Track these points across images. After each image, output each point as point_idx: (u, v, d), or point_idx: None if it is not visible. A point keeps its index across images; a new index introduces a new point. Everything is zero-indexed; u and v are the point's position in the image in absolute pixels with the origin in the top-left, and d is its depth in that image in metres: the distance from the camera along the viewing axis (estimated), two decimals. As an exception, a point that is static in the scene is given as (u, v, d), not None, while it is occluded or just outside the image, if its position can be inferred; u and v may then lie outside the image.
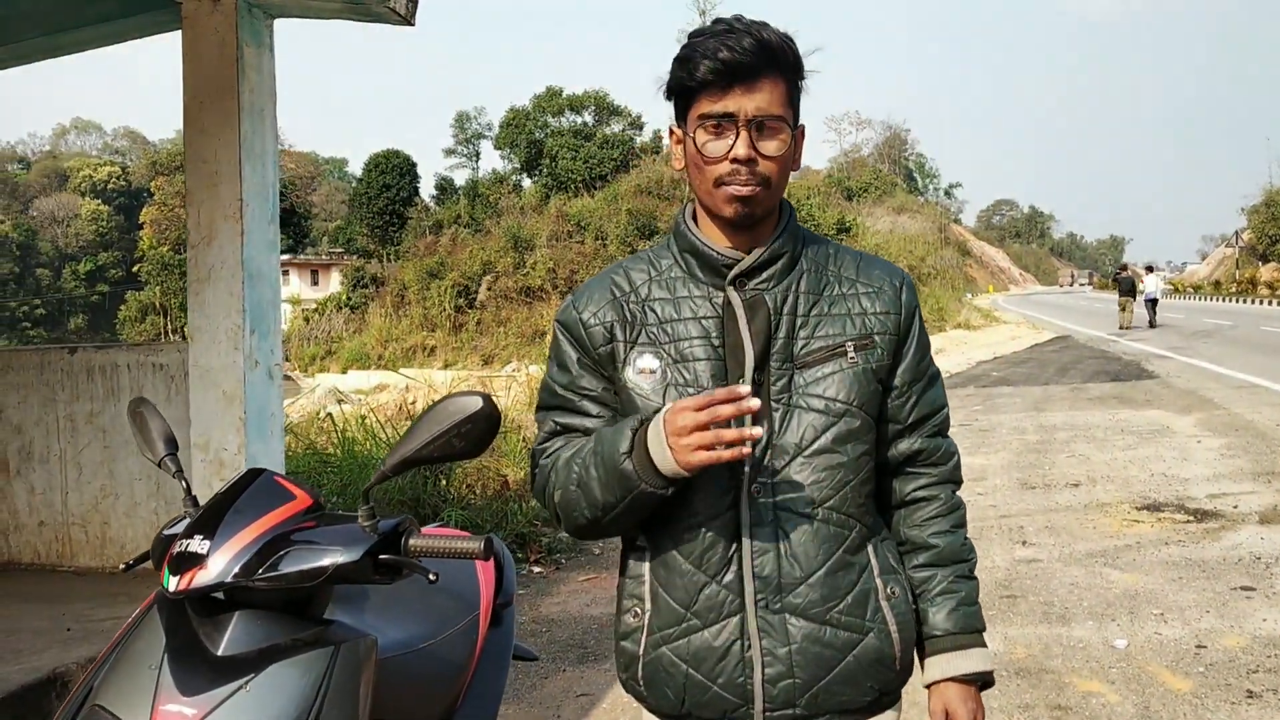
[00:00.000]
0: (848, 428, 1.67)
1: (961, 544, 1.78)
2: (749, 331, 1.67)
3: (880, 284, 1.74)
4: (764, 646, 1.64)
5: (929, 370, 1.79)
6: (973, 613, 1.75)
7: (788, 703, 1.64)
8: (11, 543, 5.75)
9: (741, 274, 1.69)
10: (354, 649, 1.85)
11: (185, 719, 1.65)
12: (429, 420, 1.79)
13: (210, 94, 4.87)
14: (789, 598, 1.64)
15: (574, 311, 1.77)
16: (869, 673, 1.67)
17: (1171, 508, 7.72)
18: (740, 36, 1.60)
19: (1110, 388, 16.17)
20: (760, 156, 1.62)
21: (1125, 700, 4.30)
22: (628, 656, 1.76)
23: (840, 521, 1.67)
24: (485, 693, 2.62)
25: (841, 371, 1.68)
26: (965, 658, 1.72)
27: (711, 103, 1.62)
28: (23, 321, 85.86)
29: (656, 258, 1.79)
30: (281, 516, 1.84)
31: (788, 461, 1.65)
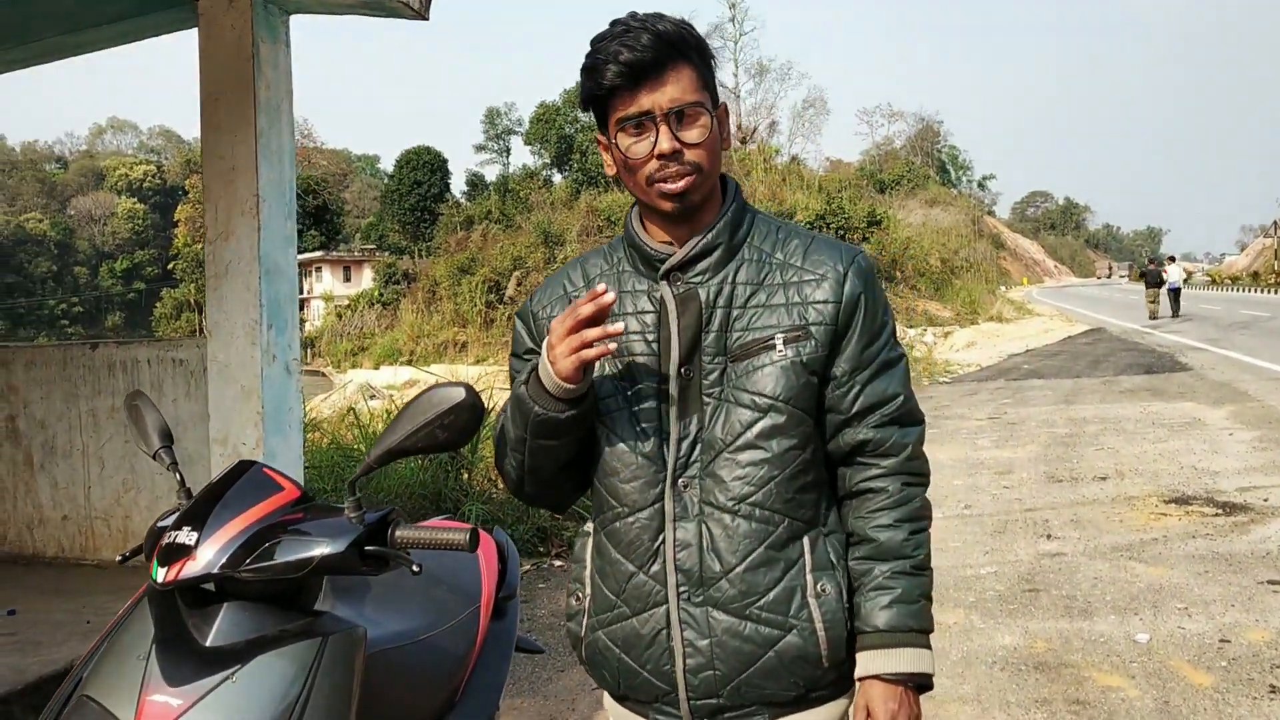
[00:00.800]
0: (773, 423, 1.65)
1: (904, 539, 1.68)
2: (677, 326, 1.68)
3: (823, 270, 1.69)
4: (685, 638, 1.67)
5: (878, 358, 1.71)
6: (910, 610, 1.66)
7: (710, 693, 1.67)
8: (35, 536, 5.82)
9: (675, 268, 1.70)
10: (343, 640, 1.85)
11: (171, 709, 1.65)
12: (412, 412, 1.78)
13: (226, 90, 4.90)
14: (710, 591, 1.65)
15: (529, 304, 1.85)
16: (791, 669, 1.65)
17: (1200, 501, 7.61)
18: (637, 34, 1.60)
19: (1143, 380, 15.98)
20: (685, 146, 1.63)
21: (1145, 695, 4.24)
22: (573, 637, 1.83)
23: (764, 518, 1.65)
24: (486, 684, 2.62)
25: (771, 365, 1.65)
26: (889, 657, 1.64)
27: (625, 106, 1.63)
28: (61, 319, 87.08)
29: (613, 251, 1.82)
30: (269, 508, 1.84)
31: (714, 456, 1.66)
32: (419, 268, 50.32)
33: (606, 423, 1.71)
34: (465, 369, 28.78)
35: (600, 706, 4.36)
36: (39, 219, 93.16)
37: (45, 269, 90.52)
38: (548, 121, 54.45)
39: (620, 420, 1.70)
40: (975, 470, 9.40)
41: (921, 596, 1.67)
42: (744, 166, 45.77)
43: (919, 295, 39.43)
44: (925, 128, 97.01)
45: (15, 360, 5.89)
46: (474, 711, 2.55)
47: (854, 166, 71.83)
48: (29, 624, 4.51)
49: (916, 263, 41.08)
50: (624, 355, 1.71)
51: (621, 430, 1.70)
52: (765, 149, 51.59)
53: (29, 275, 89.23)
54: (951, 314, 37.58)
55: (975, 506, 7.94)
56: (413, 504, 6.93)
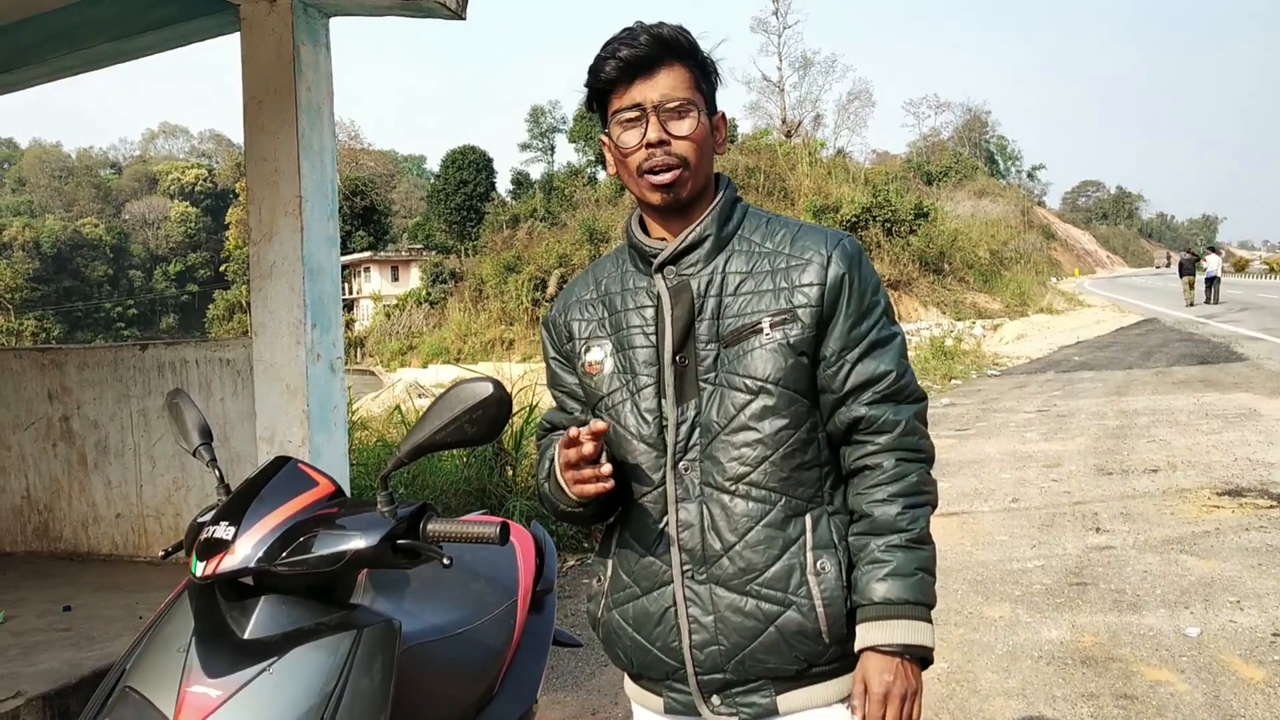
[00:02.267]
0: (764, 404, 1.71)
1: (899, 513, 1.70)
2: (670, 316, 1.76)
3: (809, 255, 1.75)
4: (690, 614, 1.74)
5: (867, 336, 1.74)
6: (906, 584, 1.68)
7: (715, 667, 1.73)
8: (90, 534, 5.94)
9: (667, 261, 1.79)
10: (378, 632, 1.87)
11: (211, 700, 1.68)
12: (440, 407, 1.80)
13: (268, 93, 4.96)
14: (713, 569, 1.72)
15: (550, 312, 1.97)
16: (792, 644, 1.70)
17: (1254, 493, 7.48)
18: (636, 35, 1.73)
19: (1197, 371, 15.72)
20: (672, 137, 1.73)
21: (1194, 690, 4.18)
22: (591, 618, 1.92)
23: (761, 497, 1.71)
24: (523, 677, 2.64)
25: (761, 348, 1.72)
26: (884, 628, 1.67)
27: (620, 98, 1.75)
28: (117, 322, 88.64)
29: (619, 255, 1.92)
30: (304, 503, 1.87)
31: (711, 439, 1.73)
32: (465, 267, 50.66)
33: (613, 413, 1.81)
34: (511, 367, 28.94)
35: (643, 701, 4.39)
36: (95, 224, 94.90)
37: (101, 273, 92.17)
38: (591, 119, 54.50)
39: (624, 410, 1.80)
40: (1023, 463, 9.30)
41: (919, 569, 1.69)
42: (789, 160, 45.49)
43: (967, 287, 39.08)
44: (973, 118, 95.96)
45: (68, 362, 6.01)
46: (512, 703, 2.58)
47: (901, 159, 71.16)
48: (84, 619, 4.61)
49: (965, 254, 40.72)
50: (626, 348, 1.81)
51: (625, 419, 1.80)
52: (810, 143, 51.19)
53: (86, 279, 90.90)
54: (1001, 306, 37.22)
55: (1023, 500, 7.86)
56: (457, 500, 6.99)
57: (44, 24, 5.69)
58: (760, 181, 43.46)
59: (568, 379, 1.94)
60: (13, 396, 6.13)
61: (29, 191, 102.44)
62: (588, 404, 1.90)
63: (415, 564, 1.90)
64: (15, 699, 3.63)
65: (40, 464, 6.07)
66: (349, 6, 5.10)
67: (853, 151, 59.53)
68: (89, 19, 5.50)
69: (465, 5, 5.01)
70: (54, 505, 6.03)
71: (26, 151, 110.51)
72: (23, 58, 5.89)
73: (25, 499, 6.12)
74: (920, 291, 36.84)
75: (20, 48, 5.85)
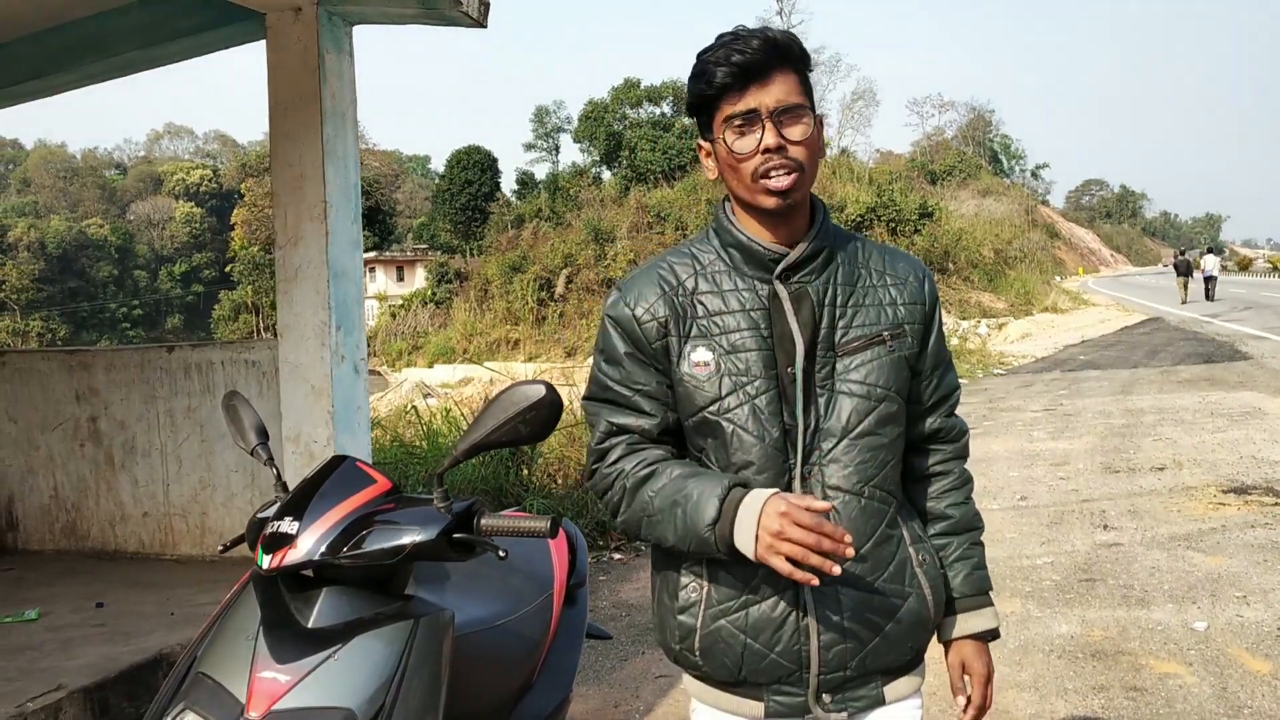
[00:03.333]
0: (887, 411, 1.79)
1: (975, 514, 1.94)
2: (797, 322, 1.76)
3: (906, 276, 1.87)
4: (819, 616, 1.75)
5: (946, 355, 1.94)
6: (983, 576, 1.92)
7: (840, 665, 1.77)
8: (118, 532, 6.05)
9: (787, 268, 1.78)
10: (433, 622, 1.98)
11: (280, 685, 1.79)
12: (496, 408, 1.91)
13: (294, 100, 5.07)
14: (842, 569, 1.71)
15: (625, 307, 1.83)
16: (910, 634, 1.82)
17: (1260, 490, 7.58)
18: (747, 40, 1.71)
19: (1202, 370, 15.80)
20: (789, 143, 1.71)
21: (1202, 682, 4.28)
22: (685, 629, 1.83)
23: (882, 498, 1.79)
24: (560, 667, 2.75)
25: (880, 359, 1.79)
26: (979, 617, 1.88)
27: (733, 105, 1.72)
28: (122, 322, 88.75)
29: (699, 252, 1.86)
30: (363, 499, 1.98)
31: (835, 444, 1.76)
32: (470, 267, 50.67)
33: (731, 418, 1.76)
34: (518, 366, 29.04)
35: (663, 694, 4.50)
36: (100, 224, 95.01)
37: (106, 273, 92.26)
38: (596, 119, 54.50)
39: (743, 414, 1.76)
40: (1031, 462, 9.39)
41: (985, 562, 1.95)
42: (793, 160, 45.51)
43: (972, 287, 39.08)
44: (976, 117, 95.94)
45: (96, 363, 6.13)
46: (549, 693, 2.68)
47: (905, 158, 71.12)
48: (117, 615, 4.72)
49: (969, 254, 40.72)
50: (737, 351, 1.77)
51: (746, 424, 1.76)
52: (815, 142, 51.19)
53: (91, 280, 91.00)
54: (1006, 305, 37.22)
55: (1031, 498, 7.96)
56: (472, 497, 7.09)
57: (74, 31, 5.81)
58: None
59: (648, 378, 1.82)
60: (41, 398, 6.25)
61: (34, 192, 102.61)
62: (681, 406, 1.82)
63: (468, 557, 2.01)
64: (57, 691, 3.74)
65: (68, 464, 6.19)
66: (372, 15, 5.21)
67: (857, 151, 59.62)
68: (118, 27, 5.62)
69: (486, 14, 5.12)
70: (82, 504, 6.15)
71: (32, 152, 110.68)
72: (53, 65, 6.01)
73: (54, 498, 6.24)
74: (925, 291, 36.97)
75: (50, 55, 5.97)
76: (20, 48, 6.06)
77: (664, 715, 4.32)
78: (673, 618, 1.86)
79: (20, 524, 6.36)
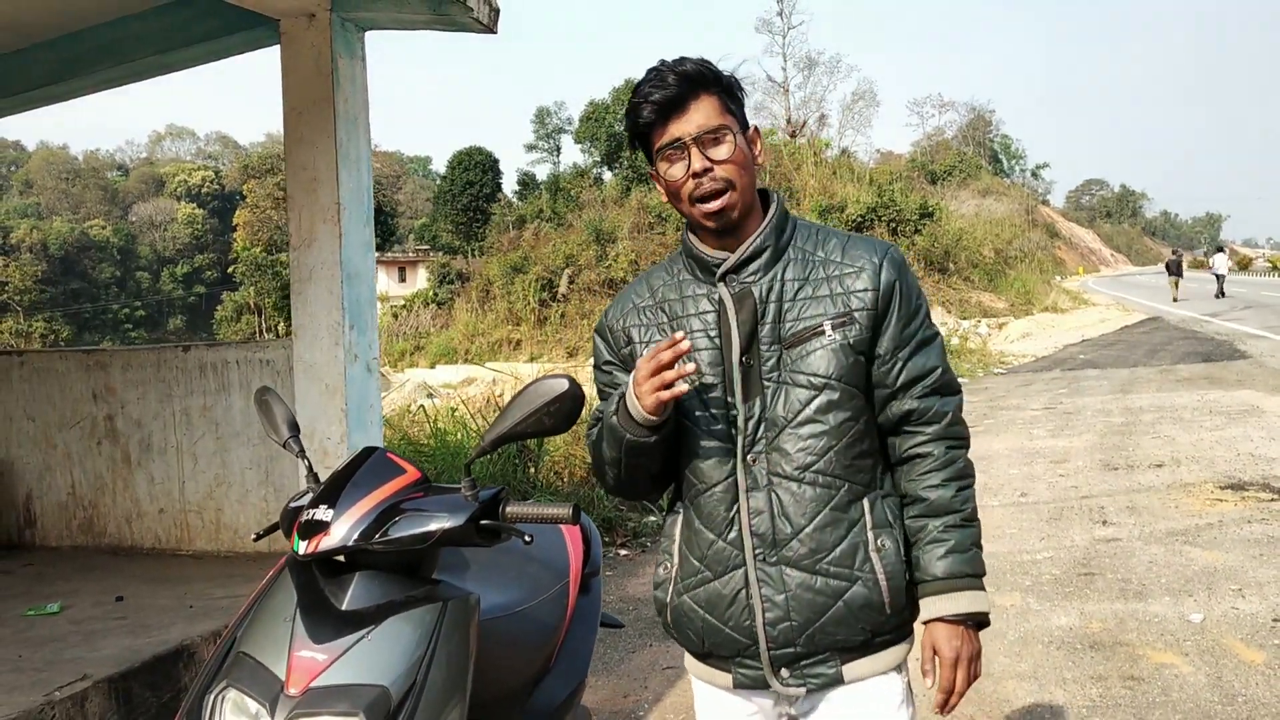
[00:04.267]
0: (828, 399, 1.88)
1: (953, 495, 1.91)
2: (735, 321, 1.92)
3: (860, 263, 1.94)
4: (763, 594, 1.90)
5: (917, 336, 1.94)
6: (964, 559, 1.89)
7: (788, 642, 1.90)
8: (134, 529, 6.16)
9: (730, 270, 1.94)
10: (461, 605, 2.09)
11: (318, 663, 1.90)
12: (521, 401, 2.03)
13: (307, 104, 5.18)
14: (783, 551, 1.88)
15: (604, 319, 2.11)
16: (859, 616, 1.88)
17: (1256, 486, 7.68)
18: (664, 75, 1.89)
19: (1201, 368, 15.90)
20: (714, 163, 1.88)
21: (1198, 671, 4.39)
22: (659, 604, 2.07)
23: (826, 483, 1.88)
24: (577, 652, 2.86)
25: (823, 349, 1.89)
26: (951, 600, 1.87)
27: (660, 137, 1.92)
28: (125, 323, 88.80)
29: (672, 264, 2.08)
30: (394, 488, 2.09)
31: (778, 432, 1.89)
32: (472, 267, 50.76)
33: (681, 412, 1.94)
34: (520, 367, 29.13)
35: (671, 684, 4.62)
36: (102, 226, 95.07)
37: (109, 274, 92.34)
38: (597, 120, 54.64)
39: (693, 409, 1.94)
40: (1031, 459, 9.50)
41: (972, 545, 1.91)
42: (794, 160, 45.53)
43: (972, 286, 39.17)
44: (977, 117, 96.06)
45: (113, 363, 6.23)
46: (566, 677, 2.80)
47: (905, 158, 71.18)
48: (136, 609, 4.82)
49: (969, 254, 40.80)
50: (691, 352, 1.90)
51: (695, 417, 1.94)
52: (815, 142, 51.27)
53: (93, 281, 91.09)
54: (1006, 305, 37.30)
55: (1031, 494, 8.07)
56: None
57: (91, 38, 5.92)
58: (766, 182, 43.37)
59: (622, 377, 2.04)
60: (59, 397, 6.36)
61: (36, 194, 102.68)
62: None
63: (495, 543, 2.12)
64: (83, 681, 3.84)
65: (85, 461, 6.29)
66: (384, 21, 5.31)
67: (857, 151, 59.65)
68: (134, 33, 5.73)
69: (496, 20, 5.23)
70: (99, 501, 6.25)
71: (34, 154, 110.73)
72: (71, 70, 6.11)
73: (71, 495, 6.35)
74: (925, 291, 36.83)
75: (68, 61, 6.08)
76: (39, 54, 6.17)
77: (671, 705, 4.42)
78: (654, 593, 2.07)
79: (38, 520, 6.47)
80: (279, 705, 1.86)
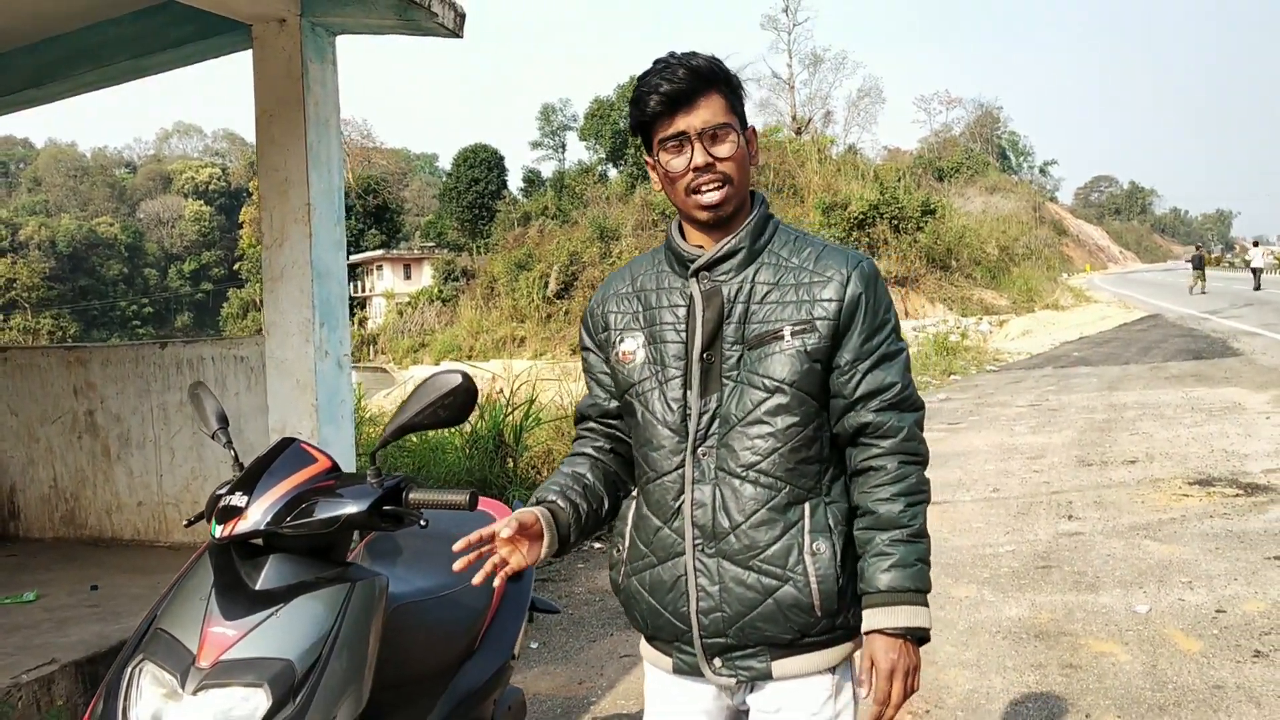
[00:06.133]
0: (778, 403, 1.92)
1: (901, 510, 1.92)
2: (701, 318, 1.97)
3: (830, 273, 1.95)
4: (699, 584, 1.95)
5: (879, 350, 1.95)
6: (908, 574, 1.90)
7: (718, 632, 1.95)
8: (114, 521, 6.32)
9: (704, 267, 1.99)
10: (368, 586, 2.23)
11: (228, 638, 2.04)
12: (418, 395, 2.17)
13: (279, 107, 5.32)
14: (721, 544, 1.93)
15: (591, 304, 2.17)
16: (788, 615, 1.91)
17: (1223, 483, 7.79)
18: (674, 69, 1.91)
19: (1190, 366, 16.00)
20: (717, 160, 1.93)
21: (1135, 660, 4.51)
22: (613, 584, 2.15)
23: (768, 483, 1.92)
24: (502, 635, 2.99)
25: (781, 353, 1.92)
26: (889, 614, 1.88)
27: (665, 129, 1.94)
28: (133, 320, 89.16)
29: (655, 254, 2.12)
30: (306, 476, 2.23)
31: (729, 429, 1.94)
32: (477, 264, 51.03)
33: (642, 400, 2.02)
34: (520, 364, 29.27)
35: (626, 671, 4.76)
36: (110, 223, 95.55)
37: (116, 271, 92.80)
38: (602, 117, 54.79)
39: (652, 397, 2.00)
40: (1008, 455, 9.62)
41: (918, 560, 1.92)
42: (798, 158, 45.62)
43: (975, 284, 39.22)
44: (984, 114, 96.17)
45: (93, 359, 6.39)
46: (490, 658, 2.93)
47: (912, 155, 71.20)
48: (110, 597, 4.98)
49: (972, 251, 40.84)
50: (658, 341, 2.01)
51: (653, 406, 2.00)
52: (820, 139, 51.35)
53: (101, 278, 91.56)
54: (1008, 302, 37.34)
55: (1003, 490, 8.19)
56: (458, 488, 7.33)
57: (69, 42, 6.07)
58: (770, 179, 43.58)
59: (599, 364, 2.13)
60: (40, 392, 6.52)
61: (44, 191, 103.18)
62: (616, 391, 2.10)
63: (398, 527, 2.26)
64: (50, 665, 4.00)
65: (66, 455, 6.45)
66: (353, 26, 5.44)
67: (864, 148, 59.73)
68: (111, 37, 5.88)
69: (462, 25, 5.36)
70: (80, 494, 6.41)
71: (42, 151, 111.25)
72: (49, 74, 6.27)
73: (53, 488, 6.51)
74: (927, 288, 36.93)
75: (47, 64, 6.23)
76: (18, 58, 6.33)
77: (624, 691, 4.56)
78: (609, 574, 2.17)
79: (21, 513, 6.63)
80: (189, 676, 2.01)
